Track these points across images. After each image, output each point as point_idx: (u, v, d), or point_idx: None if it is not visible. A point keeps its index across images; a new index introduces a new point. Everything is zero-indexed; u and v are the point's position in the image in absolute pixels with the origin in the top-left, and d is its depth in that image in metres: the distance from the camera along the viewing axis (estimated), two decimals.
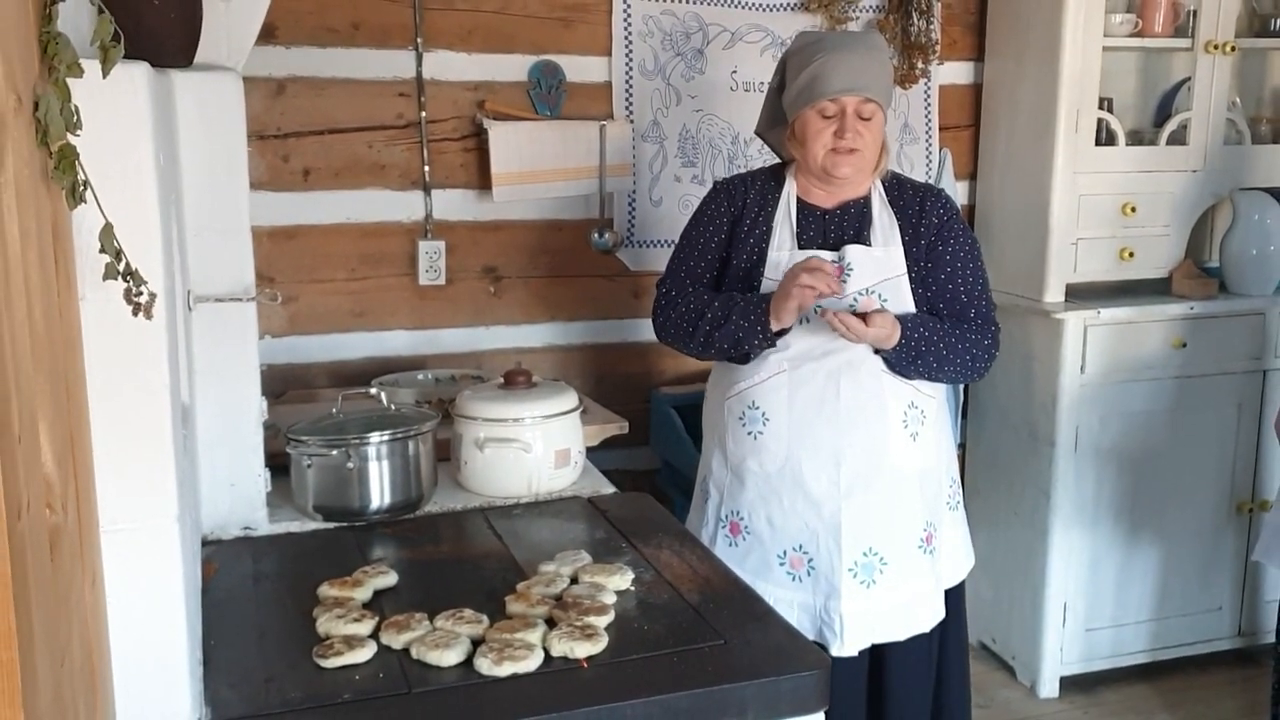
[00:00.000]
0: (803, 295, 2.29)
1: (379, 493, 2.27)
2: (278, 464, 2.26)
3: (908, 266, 2.43)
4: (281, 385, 3.12)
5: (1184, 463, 3.56)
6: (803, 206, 2.50)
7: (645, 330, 3.50)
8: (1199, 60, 3.48)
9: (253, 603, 1.96)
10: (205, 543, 2.14)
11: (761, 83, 3.48)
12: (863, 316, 2.29)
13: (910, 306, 2.40)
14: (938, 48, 3.60)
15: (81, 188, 1.19)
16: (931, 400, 2.49)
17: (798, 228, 2.47)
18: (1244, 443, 3.61)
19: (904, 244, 2.44)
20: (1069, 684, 3.59)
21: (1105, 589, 3.57)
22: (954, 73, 3.73)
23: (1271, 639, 3.71)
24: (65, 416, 1.26)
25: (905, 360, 2.38)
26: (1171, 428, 3.53)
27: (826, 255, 2.43)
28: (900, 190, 2.51)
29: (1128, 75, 3.75)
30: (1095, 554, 3.54)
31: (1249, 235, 3.57)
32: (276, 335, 3.13)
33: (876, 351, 2.39)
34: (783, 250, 2.46)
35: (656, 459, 3.51)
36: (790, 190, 2.50)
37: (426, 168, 3.27)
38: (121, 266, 1.24)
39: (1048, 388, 3.43)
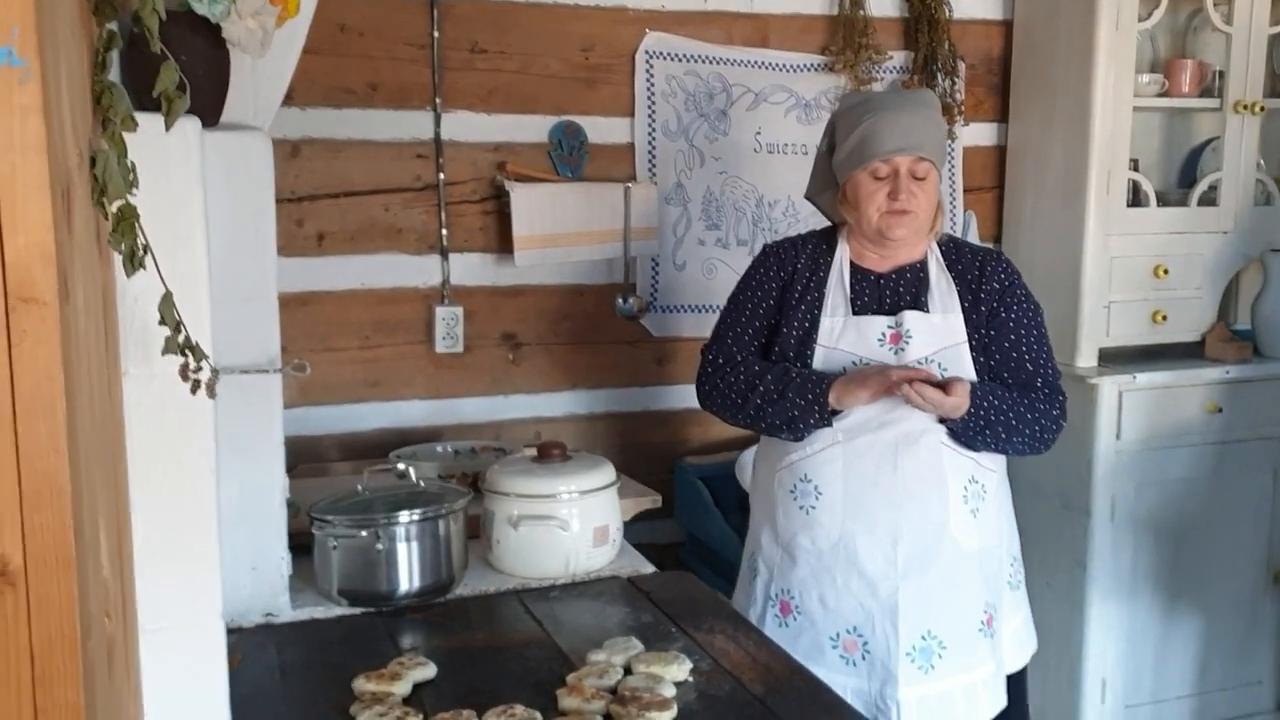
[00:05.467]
0: (886, 388, 2.21)
1: (408, 575, 2.15)
2: (296, 544, 2.13)
3: (968, 334, 2.34)
4: (292, 458, 2.96)
5: (1221, 531, 3.47)
6: (856, 270, 2.40)
7: (670, 398, 3.42)
8: (1228, 120, 3.44)
9: (282, 699, 1.84)
10: (226, 631, 2.01)
11: (785, 144, 3.42)
12: (942, 386, 2.19)
13: (972, 375, 2.30)
14: (963, 109, 3.54)
15: (142, 252, 1.08)
16: (992, 474, 2.38)
17: (851, 293, 2.38)
18: (1279, 510, 3.52)
19: (964, 310, 2.35)
20: None
21: (1144, 663, 3.46)
22: (978, 134, 3.68)
23: None
24: (116, 510, 1.13)
25: (973, 430, 2.27)
26: (1208, 495, 3.43)
27: (882, 321, 2.34)
28: (958, 254, 2.42)
29: (1151, 135, 3.71)
30: (1133, 627, 3.43)
31: None
32: (287, 406, 2.97)
33: (942, 421, 2.29)
34: (836, 316, 2.35)
35: (680, 532, 3.39)
36: (843, 254, 2.41)
37: (444, 231, 3.18)
38: (181, 340, 1.13)
39: (1083, 455, 3.33)
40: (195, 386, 1.15)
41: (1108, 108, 3.29)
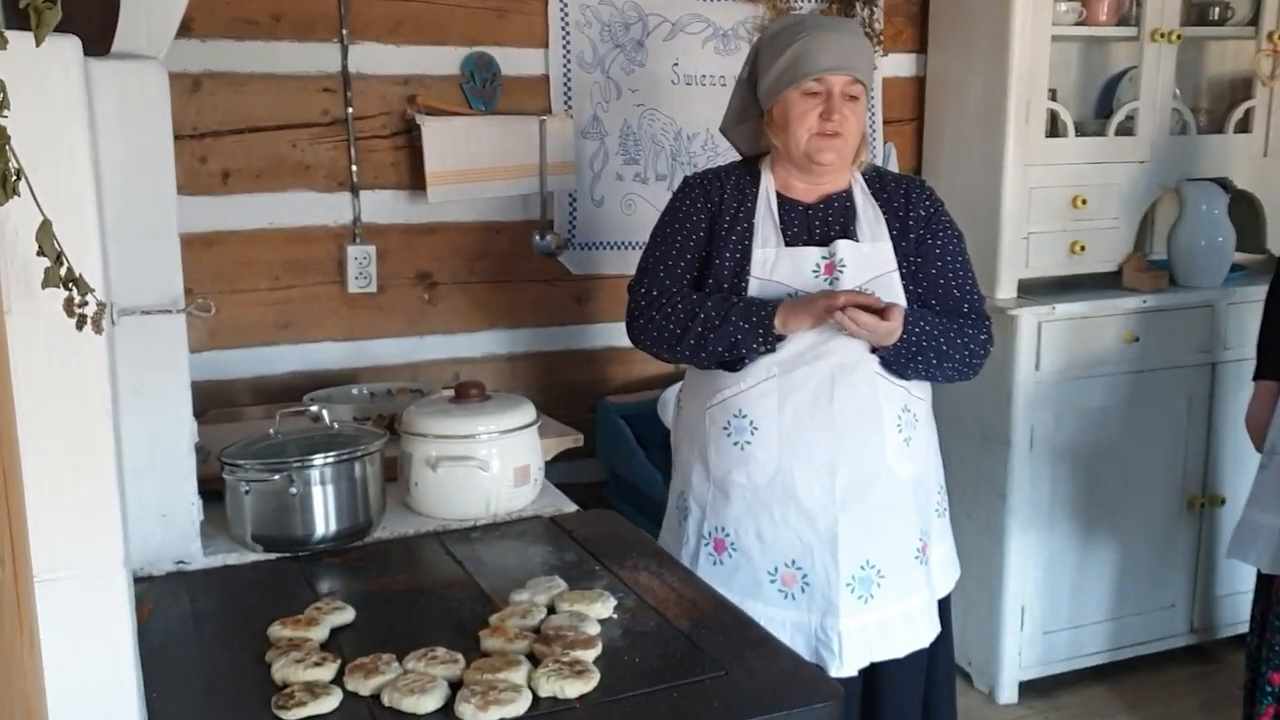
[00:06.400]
0: (833, 311, 2.17)
1: (324, 519, 2.09)
2: (207, 490, 2.07)
3: (897, 261, 2.32)
4: (202, 403, 2.88)
5: (1137, 459, 3.51)
6: (783, 201, 2.36)
7: (591, 337, 3.38)
8: (1145, 49, 3.44)
9: (196, 647, 1.77)
10: (136, 580, 1.93)
11: (704, 75, 3.36)
12: (878, 312, 2.16)
13: (904, 303, 2.28)
14: (881, 39, 3.51)
15: (15, 178, 1.00)
16: (922, 403, 2.38)
17: (780, 223, 2.34)
18: (1194, 437, 3.57)
19: (892, 238, 2.33)
20: (1027, 689, 3.51)
21: (1062, 590, 3.51)
22: (897, 65, 3.64)
23: (1225, 634, 3.71)
24: (1, 454, 1.07)
25: (905, 357, 2.26)
26: (1124, 424, 3.47)
27: (815, 251, 2.30)
28: (882, 182, 2.40)
29: (1069, 65, 3.71)
30: (1052, 555, 3.47)
31: (1198, 227, 3.53)
32: (195, 350, 2.90)
33: (874, 350, 2.27)
34: (768, 247, 2.31)
35: (602, 471, 3.36)
36: (768, 184, 2.37)
37: (354, 167, 3.09)
38: (63, 272, 1.05)
39: (1002, 386, 3.34)
40: (81, 322, 1.08)
41: (1026, 37, 3.28)
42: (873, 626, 2.30)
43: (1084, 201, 3.43)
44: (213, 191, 2.98)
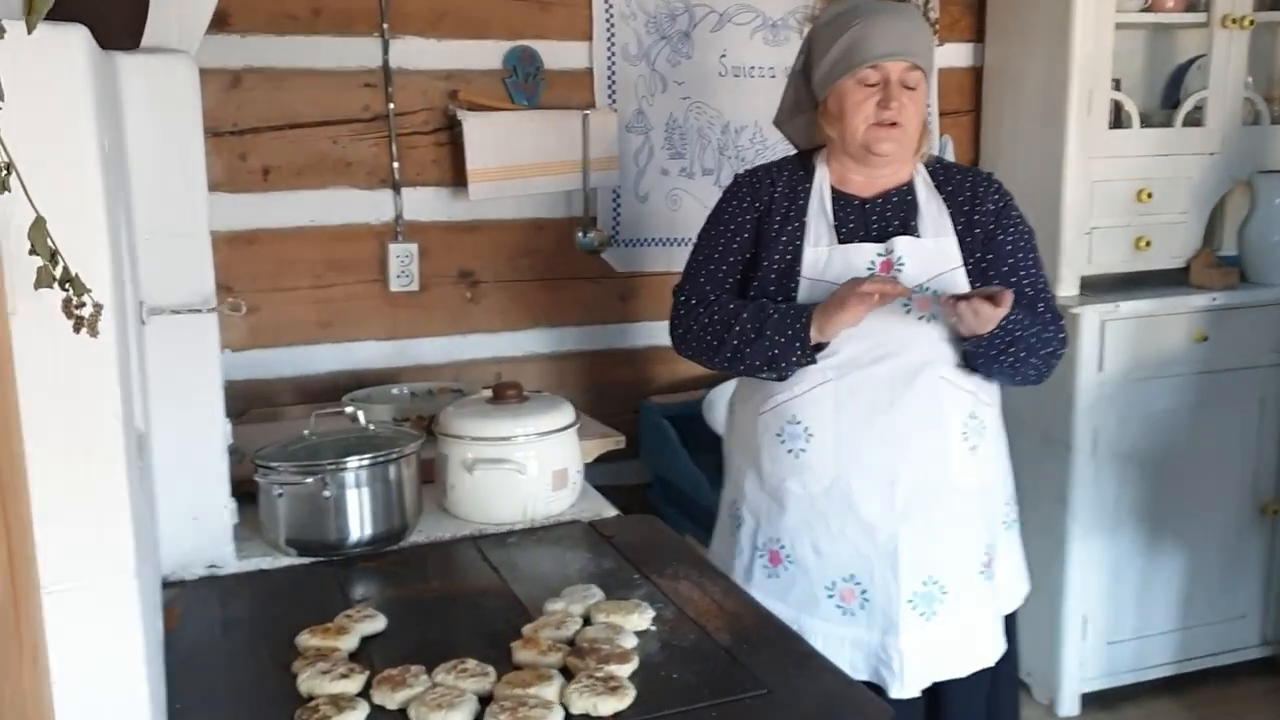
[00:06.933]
0: (865, 301, 2.05)
1: (359, 523, 2.05)
2: (243, 493, 2.03)
3: (963, 259, 2.21)
4: (243, 403, 2.88)
5: (1206, 463, 3.38)
6: (839, 196, 2.26)
7: (634, 336, 3.32)
8: (1215, 36, 3.31)
9: (223, 655, 1.74)
10: (166, 585, 1.92)
11: (752, 67, 3.29)
12: (988, 299, 2.03)
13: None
14: (937, 28, 3.41)
15: (4, 172, 0.95)
16: (990, 409, 2.26)
17: (835, 220, 2.23)
18: (1267, 440, 3.44)
19: (957, 233, 2.21)
20: (1090, 701, 3.40)
21: (1126, 599, 3.39)
22: (953, 55, 3.55)
23: None
24: (4, 459, 1.02)
25: (995, 351, 2.12)
26: (1193, 426, 3.35)
27: (871, 248, 2.20)
28: (947, 175, 2.29)
29: (1133, 55, 3.59)
30: (1116, 562, 3.35)
31: (1271, 221, 3.39)
32: (236, 349, 2.89)
33: (964, 340, 2.14)
34: (820, 245, 2.21)
35: (646, 473, 3.29)
36: (823, 178, 2.26)
37: (396, 164, 3.05)
38: (58, 272, 1.00)
39: (1064, 387, 3.22)
40: (78, 324, 1.02)
41: (1089, 25, 3.16)
42: (935, 645, 2.20)
43: (1149, 195, 3.31)
44: (253, 189, 2.96)
